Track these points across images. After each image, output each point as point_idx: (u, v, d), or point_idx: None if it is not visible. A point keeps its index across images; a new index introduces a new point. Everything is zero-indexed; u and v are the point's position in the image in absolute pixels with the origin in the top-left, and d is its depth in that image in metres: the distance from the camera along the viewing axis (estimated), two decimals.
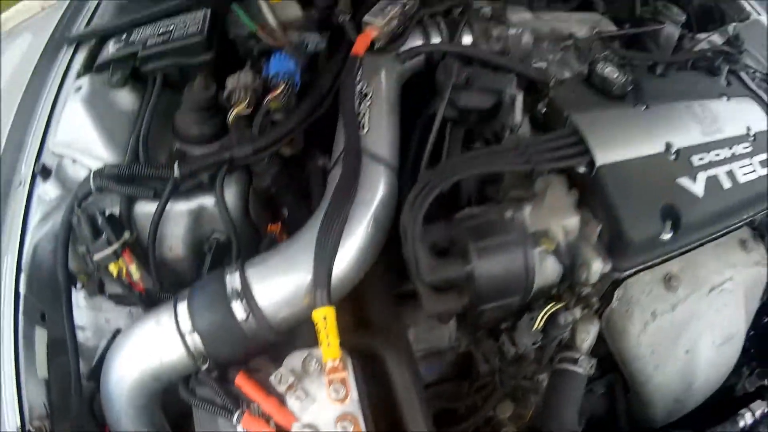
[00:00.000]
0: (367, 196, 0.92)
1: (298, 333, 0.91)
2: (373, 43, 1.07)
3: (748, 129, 1.21)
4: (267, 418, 0.82)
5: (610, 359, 1.15)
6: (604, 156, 1.00)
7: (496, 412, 1.13)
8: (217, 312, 0.86)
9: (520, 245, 0.88)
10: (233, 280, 0.87)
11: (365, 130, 0.98)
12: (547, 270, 0.99)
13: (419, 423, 0.88)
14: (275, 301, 0.87)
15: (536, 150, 0.97)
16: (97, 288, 1.01)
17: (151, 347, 0.89)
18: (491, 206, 0.97)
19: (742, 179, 1.12)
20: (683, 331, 1.11)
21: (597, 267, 0.98)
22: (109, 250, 0.95)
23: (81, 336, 1.04)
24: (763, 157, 1.18)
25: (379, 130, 0.99)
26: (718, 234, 1.12)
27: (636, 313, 1.09)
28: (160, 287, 0.97)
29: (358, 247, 0.90)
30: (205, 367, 0.87)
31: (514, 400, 1.13)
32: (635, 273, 1.06)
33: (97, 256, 0.95)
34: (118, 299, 1.02)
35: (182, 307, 0.87)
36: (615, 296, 1.08)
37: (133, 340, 0.91)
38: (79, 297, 1.04)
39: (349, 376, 0.81)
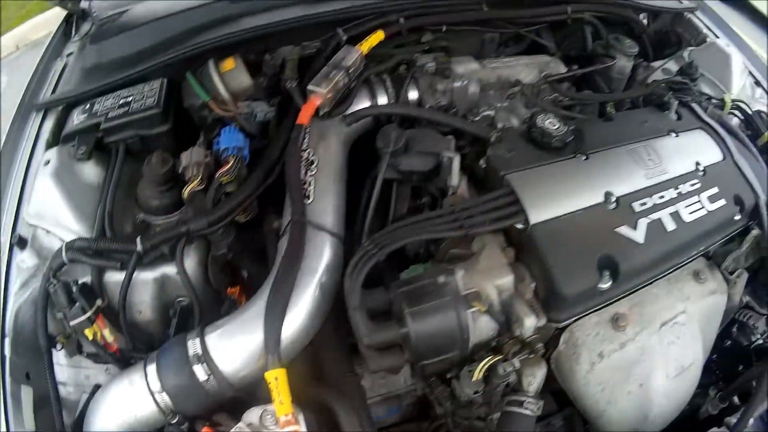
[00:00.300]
0: (312, 264, 1.07)
1: (258, 387, 1.04)
2: (318, 110, 1.17)
3: (697, 165, 1.26)
4: None
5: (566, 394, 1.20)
6: (538, 214, 1.07)
7: None
8: (182, 374, 1.01)
9: (452, 308, 0.99)
10: (194, 345, 1.02)
11: (310, 200, 1.11)
12: (482, 328, 1.05)
13: None
14: (233, 363, 1.02)
15: (471, 213, 1.07)
16: (75, 348, 1.15)
17: (125, 404, 1.05)
18: (425, 272, 1.07)
19: (688, 218, 1.17)
20: (634, 367, 1.13)
21: (530, 323, 1.04)
22: (83, 317, 1.10)
23: (63, 391, 1.20)
24: (712, 191, 1.23)
25: (323, 200, 1.12)
26: (665, 273, 1.17)
27: (583, 355, 1.11)
28: (132, 347, 1.13)
29: (305, 312, 1.04)
30: (174, 421, 1.03)
31: None
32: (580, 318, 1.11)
33: (73, 322, 1.10)
34: (95, 358, 1.18)
35: (151, 369, 1.03)
36: (561, 340, 1.12)
37: (110, 397, 1.07)
38: (60, 356, 1.19)
39: (302, 429, 0.95)
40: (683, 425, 1.24)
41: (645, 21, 1.80)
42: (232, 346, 1.03)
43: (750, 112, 1.48)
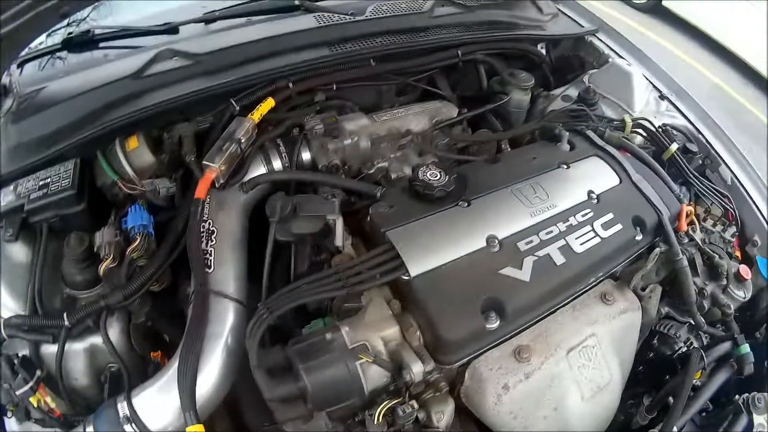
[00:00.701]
0: (217, 329, 1.31)
1: None
2: (215, 182, 1.36)
3: (590, 193, 1.40)
4: None
5: None
6: (418, 267, 1.23)
7: None
8: None
9: (341, 361, 1.15)
10: (123, 408, 1.26)
11: (211, 270, 1.32)
12: (373, 376, 1.18)
13: None
14: (159, 421, 1.25)
15: (357, 271, 1.25)
16: (24, 415, 1.38)
17: None
18: (315, 330, 1.24)
19: (579, 249, 1.30)
20: (545, 393, 1.22)
21: (418, 369, 1.17)
22: (26, 387, 1.34)
23: None
24: (606, 218, 1.36)
25: (224, 268, 1.36)
26: (561, 305, 1.29)
27: (488, 389, 1.20)
28: (73, 412, 1.36)
29: (216, 372, 1.29)
30: None
31: None
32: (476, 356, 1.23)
33: (18, 392, 1.33)
34: (43, 423, 1.40)
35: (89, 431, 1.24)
36: (466, 376, 1.23)
37: None
38: (12, 423, 1.39)
39: None
40: None
41: (545, 49, 1.93)
42: (155, 406, 1.26)
43: (653, 129, 1.64)
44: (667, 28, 6.40)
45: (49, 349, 1.37)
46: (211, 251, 1.36)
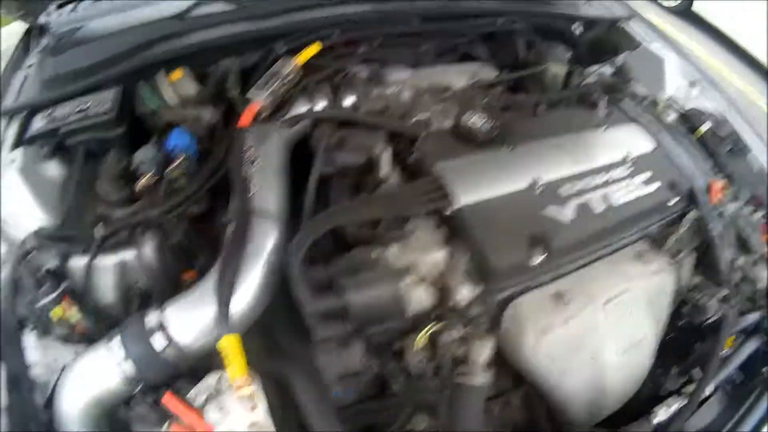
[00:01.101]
0: (258, 245, 1.29)
1: (216, 359, 1.20)
2: (259, 114, 1.40)
3: (628, 154, 1.44)
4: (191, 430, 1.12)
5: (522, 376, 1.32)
6: (466, 197, 1.25)
7: (412, 425, 1.27)
8: (142, 343, 1.21)
9: (386, 279, 1.16)
10: (154, 318, 1.24)
11: (253, 192, 1.33)
12: (418, 298, 1.19)
13: (322, 413, 1.15)
14: (189, 333, 1.23)
15: (401, 198, 1.28)
16: (44, 330, 1.33)
17: (92, 377, 1.23)
18: (360, 249, 1.24)
19: (618, 202, 1.32)
20: (582, 341, 1.24)
21: (465, 293, 1.20)
22: (51, 297, 1.31)
23: (35, 372, 1.38)
24: (644, 176, 1.40)
25: (265, 191, 1.36)
26: (599, 253, 1.31)
27: (528, 329, 1.21)
28: (97, 328, 1.33)
29: (254, 288, 1.26)
30: (138, 389, 1.22)
31: (428, 413, 1.27)
32: (522, 293, 1.25)
33: (41, 303, 1.30)
34: (63, 339, 1.36)
35: (115, 341, 1.24)
36: (505, 317, 1.24)
37: (77, 372, 1.26)
38: (30, 339, 1.38)
39: (257, 391, 1.13)
40: (648, 403, 1.36)
41: (581, 29, 2.00)
42: (188, 318, 1.24)
43: (684, 111, 1.69)
44: (696, 31, 6.26)
45: (78, 263, 1.35)
46: (252, 176, 1.36)
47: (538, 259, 1.23)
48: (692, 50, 5.61)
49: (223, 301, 1.19)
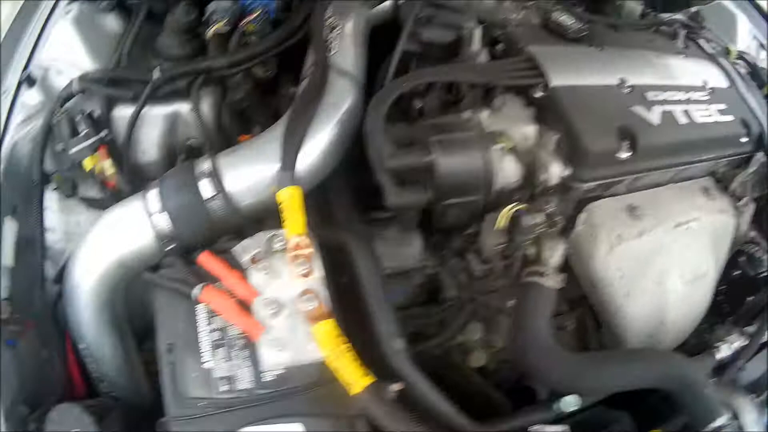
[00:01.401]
0: (332, 101, 1.14)
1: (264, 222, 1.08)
2: None
3: (705, 82, 1.40)
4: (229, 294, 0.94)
5: (579, 299, 1.28)
6: (558, 79, 1.19)
7: (465, 334, 1.23)
8: (186, 192, 1.05)
9: (478, 141, 1.07)
10: (204, 164, 1.07)
11: (333, 52, 1.20)
12: (507, 168, 1.12)
13: (381, 302, 1.03)
14: (242, 186, 1.06)
15: (493, 69, 1.20)
16: (70, 188, 1.18)
17: (118, 232, 1.07)
18: (449, 112, 1.17)
19: (699, 119, 1.28)
20: (651, 261, 1.20)
21: (556, 170, 1.14)
22: (86, 144, 1.15)
23: (50, 238, 1.23)
24: (720, 106, 1.35)
25: (345, 51, 1.22)
26: (677, 167, 1.27)
27: (602, 236, 1.18)
28: (131, 188, 1.16)
29: (324, 143, 1.10)
30: (170, 248, 1.03)
31: (484, 323, 1.24)
32: (596, 198, 1.20)
33: (73, 150, 1.15)
34: (89, 203, 1.19)
35: (152, 192, 1.07)
36: (579, 221, 1.20)
37: (101, 226, 1.09)
38: (52, 200, 1.22)
39: (314, 254, 0.96)
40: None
41: None
42: (245, 168, 1.07)
43: (754, 64, 1.65)
44: None
45: (123, 112, 1.20)
46: (332, 39, 1.23)
47: (626, 154, 1.16)
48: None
49: (291, 150, 1.04)
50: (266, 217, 1.09)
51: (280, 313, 0.92)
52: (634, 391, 1.09)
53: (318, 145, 1.09)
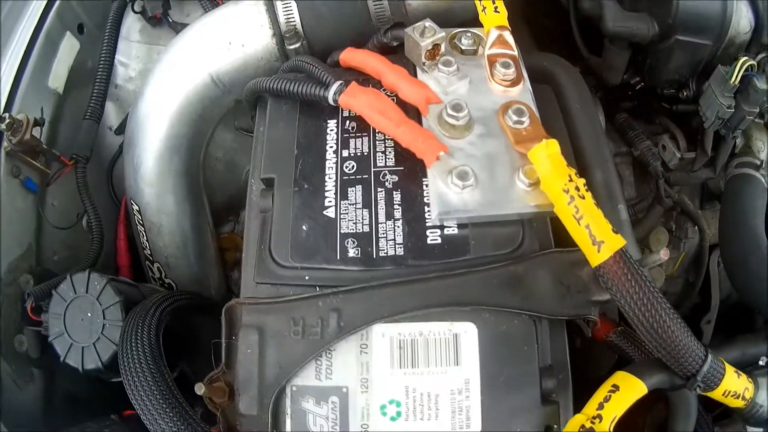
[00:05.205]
0: None
1: None
2: None
3: None
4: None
5: None
6: None
7: (648, 239, 1.10)
8: None
9: None
10: None
11: None
12: (741, 16, 0.94)
13: (600, 152, 0.79)
14: None
15: None
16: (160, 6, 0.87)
17: (219, 33, 0.75)
18: None
19: None
20: None
21: None
22: None
23: (121, 74, 0.92)
24: None
25: None
26: None
27: None
28: None
29: None
30: (295, 45, 0.73)
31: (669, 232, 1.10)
32: None
33: None
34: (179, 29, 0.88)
35: None
36: None
37: (197, 29, 0.77)
38: (133, 29, 0.92)
39: (519, 58, 0.66)
40: None
41: None
42: None
43: None
44: None
45: None
46: None
47: None
48: None
49: None
50: None
51: (470, 130, 0.58)
52: None
53: None
